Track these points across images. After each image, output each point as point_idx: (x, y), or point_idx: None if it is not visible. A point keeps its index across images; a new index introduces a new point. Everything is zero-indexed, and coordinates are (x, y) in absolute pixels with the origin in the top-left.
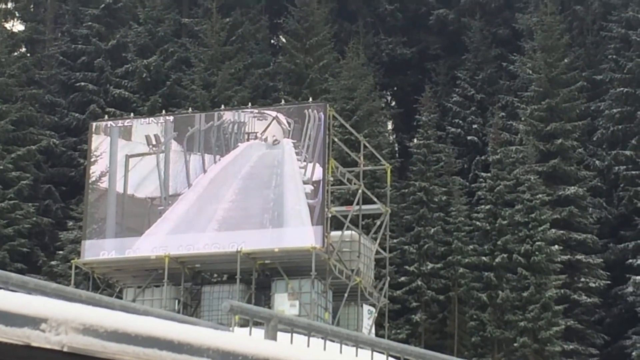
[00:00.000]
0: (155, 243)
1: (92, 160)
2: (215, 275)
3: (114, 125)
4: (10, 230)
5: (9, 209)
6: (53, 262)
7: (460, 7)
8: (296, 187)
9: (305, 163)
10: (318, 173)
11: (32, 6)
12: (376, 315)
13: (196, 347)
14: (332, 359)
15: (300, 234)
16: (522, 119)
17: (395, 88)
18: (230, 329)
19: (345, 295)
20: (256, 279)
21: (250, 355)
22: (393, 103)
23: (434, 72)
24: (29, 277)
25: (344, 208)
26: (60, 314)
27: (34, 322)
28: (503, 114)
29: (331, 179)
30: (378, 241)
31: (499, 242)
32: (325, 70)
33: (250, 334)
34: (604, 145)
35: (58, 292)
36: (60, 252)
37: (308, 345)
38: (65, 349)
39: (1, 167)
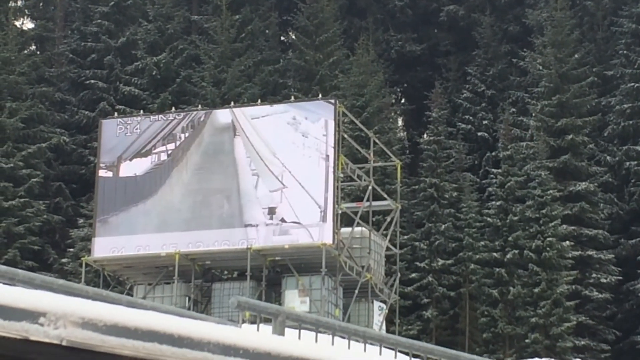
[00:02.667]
0: (165, 240)
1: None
2: (226, 272)
3: (122, 122)
4: (21, 228)
5: (19, 206)
6: (64, 260)
7: (470, 4)
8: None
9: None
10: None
11: (41, 4)
12: (387, 311)
13: (196, 341)
14: (335, 354)
15: (310, 230)
16: (533, 114)
17: (405, 84)
18: (239, 325)
19: (356, 291)
20: (266, 275)
21: (251, 349)
22: (403, 99)
23: (444, 68)
24: (36, 274)
25: (354, 204)
26: (59, 308)
27: (32, 315)
28: (513, 109)
29: (341, 175)
30: (388, 237)
31: (510, 238)
32: (335, 66)
33: (257, 329)
34: (615, 140)
35: (64, 289)
36: (71, 249)
37: (316, 341)
38: (64, 343)
39: (12, 165)
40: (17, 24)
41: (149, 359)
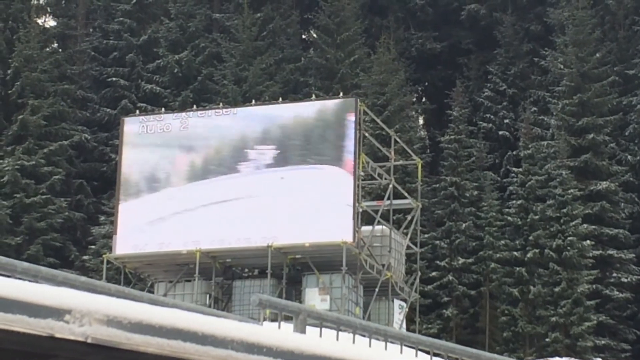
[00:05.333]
0: (187, 237)
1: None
2: (246, 269)
3: (144, 119)
4: (42, 225)
5: (41, 203)
6: (85, 257)
7: (491, 2)
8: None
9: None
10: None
11: (63, 2)
12: (407, 310)
13: (220, 339)
14: (358, 353)
15: (331, 228)
16: (554, 113)
17: (426, 83)
18: (260, 323)
19: (376, 290)
20: (287, 273)
21: (274, 347)
22: (424, 98)
23: (466, 67)
24: (58, 271)
25: (374, 203)
26: (84, 305)
27: (57, 313)
28: (535, 108)
29: (362, 174)
30: (409, 236)
31: (530, 237)
32: (356, 65)
33: (279, 328)
34: (636, 140)
35: (87, 286)
36: (92, 247)
37: (337, 339)
38: (89, 340)
39: (34, 162)
40: (39, 21)
41: (173, 356)
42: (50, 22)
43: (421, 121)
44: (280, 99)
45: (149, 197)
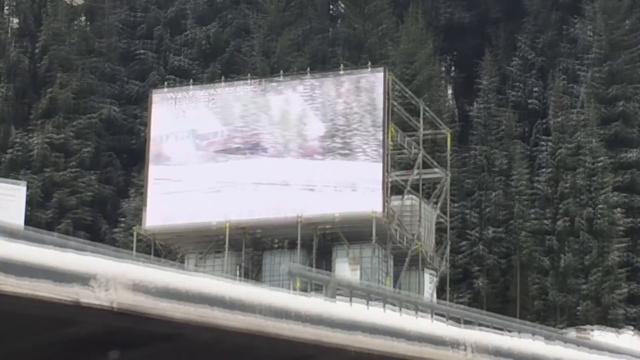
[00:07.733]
0: (217, 209)
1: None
2: (276, 241)
3: (174, 93)
4: (73, 200)
5: (71, 177)
6: (116, 230)
7: None
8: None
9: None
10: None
11: None
12: (437, 280)
13: (247, 304)
14: (387, 319)
15: (361, 199)
16: (583, 82)
17: (455, 53)
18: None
19: (407, 260)
20: (317, 245)
21: (303, 312)
22: (453, 68)
23: (494, 37)
24: (87, 241)
25: (404, 173)
26: (109, 271)
27: (82, 279)
28: (564, 77)
29: (391, 144)
30: (439, 206)
31: (560, 207)
32: (385, 35)
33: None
34: None
35: (115, 255)
36: (122, 219)
37: (367, 308)
38: (114, 306)
39: (63, 137)
40: None
41: (200, 323)
42: None
43: (450, 91)
44: (309, 71)
45: (178, 169)
